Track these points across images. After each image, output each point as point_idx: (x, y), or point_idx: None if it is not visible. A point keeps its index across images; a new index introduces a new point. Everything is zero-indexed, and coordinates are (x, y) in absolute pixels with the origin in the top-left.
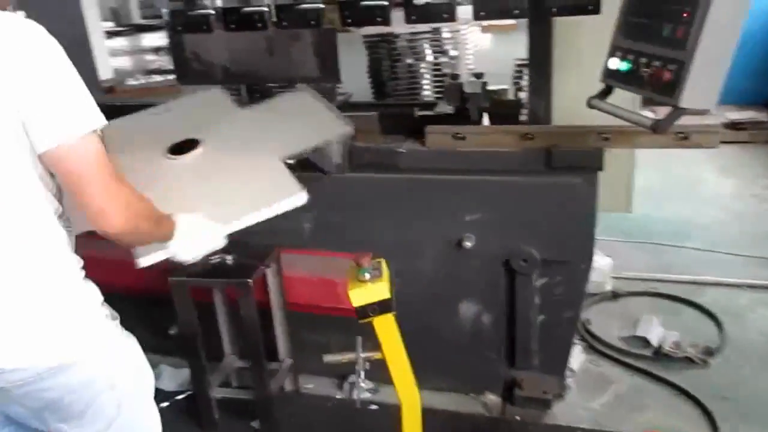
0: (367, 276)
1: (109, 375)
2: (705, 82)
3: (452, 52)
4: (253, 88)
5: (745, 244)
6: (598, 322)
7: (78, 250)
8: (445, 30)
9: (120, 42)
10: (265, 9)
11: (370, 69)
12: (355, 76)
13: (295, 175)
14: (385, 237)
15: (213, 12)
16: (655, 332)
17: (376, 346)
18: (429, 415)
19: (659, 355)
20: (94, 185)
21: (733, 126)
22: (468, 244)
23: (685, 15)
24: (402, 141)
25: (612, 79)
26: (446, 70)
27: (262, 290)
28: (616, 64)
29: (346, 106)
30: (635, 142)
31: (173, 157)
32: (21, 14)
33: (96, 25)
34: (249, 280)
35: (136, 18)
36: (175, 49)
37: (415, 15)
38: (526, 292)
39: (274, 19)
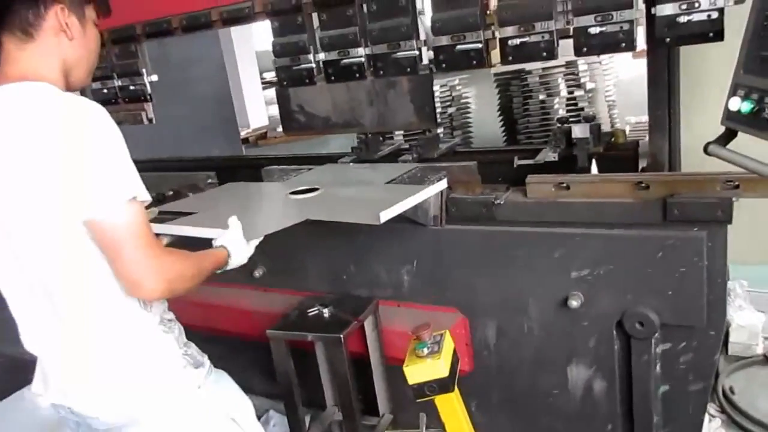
0: (425, 351)
1: (177, 428)
2: None
3: (589, 85)
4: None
5: None
6: (745, 392)
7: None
8: (581, 62)
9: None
10: (362, 59)
11: (501, 108)
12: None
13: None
14: (485, 292)
15: (314, 65)
16: None
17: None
18: None
19: None
20: (126, 256)
21: None
22: (574, 303)
23: None
24: (503, 191)
25: (733, 121)
26: (582, 104)
27: (362, 342)
28: (737, 104)
29: (449, 154)
30: None
31: (296, 196)
32: (154, 77)
33: (252, 78)
34: (340, 336)
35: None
36: (281, 101)
37: (512, 55)
38: (643, 359)
39: (372, 68)
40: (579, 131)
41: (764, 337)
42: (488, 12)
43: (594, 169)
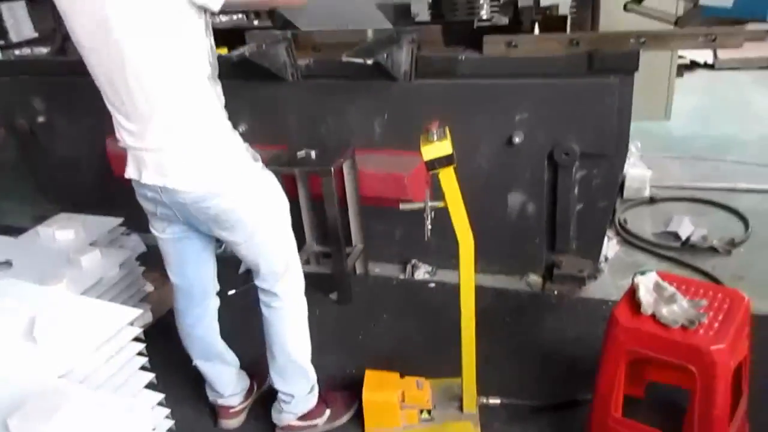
0: (435, 137)
1: (248, 203)
2: None
3: None
4: None
5: None
6: (635, 222)
7: None
8: None
9: None
10: None
11: None
12: None
13: None
14: None
15: None
16: (685, 227)
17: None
18: (479, 292)
19: (687, 246)
20: None
21: None
22: (517, 139)
23: None
24: (462, 51)
25: None
26: None
27: (340, 184)
28: None
29: (412, 22)
30: (669, 45)
31: None
32: None
33: None
34: (331, 167)
35: None
36: None
37: None
38: (566, 182)
39: None
40: (523, 0)
41: (651, 185)
42: None
43: (536, 32)
